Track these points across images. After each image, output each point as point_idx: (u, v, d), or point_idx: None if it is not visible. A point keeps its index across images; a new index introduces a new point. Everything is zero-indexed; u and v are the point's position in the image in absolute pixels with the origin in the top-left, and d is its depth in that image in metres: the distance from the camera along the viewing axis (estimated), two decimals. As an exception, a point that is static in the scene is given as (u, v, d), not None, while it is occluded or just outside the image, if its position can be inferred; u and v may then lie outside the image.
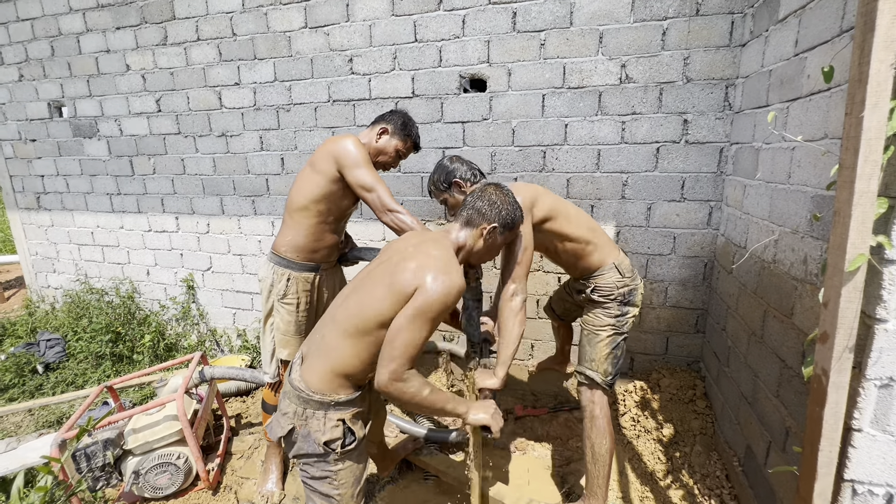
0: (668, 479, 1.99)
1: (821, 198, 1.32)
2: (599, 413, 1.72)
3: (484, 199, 1.37)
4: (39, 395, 3.02)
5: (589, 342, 1.74)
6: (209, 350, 3.49)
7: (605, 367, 1.71)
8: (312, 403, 1.22)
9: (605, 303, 1.71)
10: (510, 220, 1.38)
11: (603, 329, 1.72)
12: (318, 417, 1.22)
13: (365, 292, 1.25)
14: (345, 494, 1.29)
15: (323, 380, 1.22)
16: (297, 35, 2.74)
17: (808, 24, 1.44)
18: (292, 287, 1.86)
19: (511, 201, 1.39)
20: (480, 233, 1.36)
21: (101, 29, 3.17)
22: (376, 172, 1.76)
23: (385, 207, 1.70)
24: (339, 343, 1.22)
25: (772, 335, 1.60)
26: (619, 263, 1.71)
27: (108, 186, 3.53)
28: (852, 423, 1.05)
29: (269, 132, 2.97)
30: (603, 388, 1.72)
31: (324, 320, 1.35)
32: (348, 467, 1.28)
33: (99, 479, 2.02)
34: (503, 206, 1.37)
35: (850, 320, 0.94)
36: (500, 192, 1.40)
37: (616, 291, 1.69)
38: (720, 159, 2.22)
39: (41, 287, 4.08)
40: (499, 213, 1.36)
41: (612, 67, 2.26)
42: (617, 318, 1.71)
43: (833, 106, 1.27)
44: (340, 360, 1.22)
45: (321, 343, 1.27)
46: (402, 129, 1.86)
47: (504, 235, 1.40)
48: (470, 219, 1.37)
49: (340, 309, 1.28)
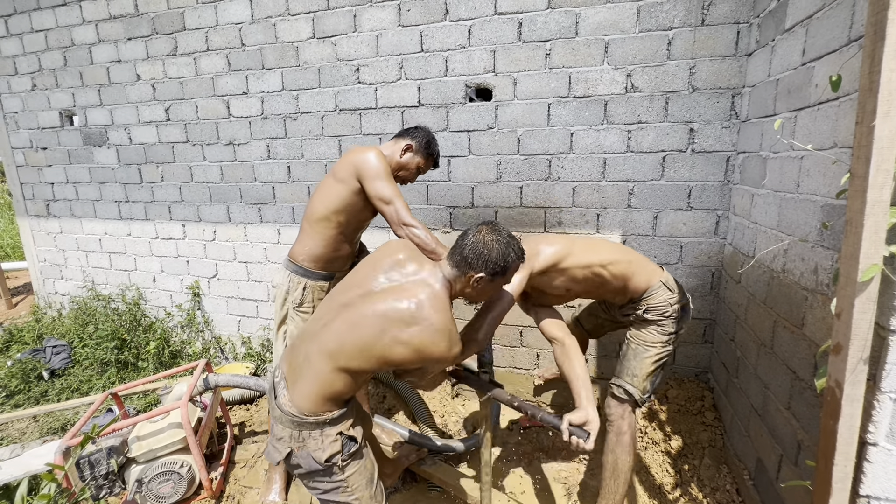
0: (676, 492, 1.95)
1: (831, 207, 1.31)
2: (627, 429, 1.67)
3: (472, 245, 1.26)
4: (44, 402, 3.03)
5: (635, 356, 1.69)
6: (214, 357, 3.49)
7: (645, 384, 1.67)
8: (308, 425, 1.22)
9: (660, 321, 1.67)
10: (500, 268, 1.27)
11: (653, 346, 1.67)
12: (315, 437, 1.22)
13: (360, 337, 1.19)
14: (362, 497, 1.28)
15: (315, 403, 1.22)
16: (304, 45, 2.78)
17: (816, 34, 1.44)
18: (308, 296, 1.88)
19: (502, 246, 1.27)
20: (468, 280, 1.27)
21: (113, 39, 3.23)
22: (396, 185, 1.77)
23: (401, 221, 1.70)
24: (326, 370, 1.20)
25: (782, 346, 1.58)
26: (665, 281, 1.67)
27: (116, 194, 3.56)
28: (867, 436, 1.03)
29: (276, 141, 3.00)
30: (637, 405, 1.68)
31: (304, 337, 1.30)
32: (357, 471, 1.27)
33: (102, 488, 2.00)
34: (491, 254, 1.25)
35: (864, 331, 0.92)
36: (492, 234, 1.28)
37: (670, 308, 1.65)
38: (727, 168, 2.21)
39: (48, 293, 4.11)
40: (485, 263, 1.25)
41: (617, 77, 2.27)
42: (670, 335, 1.67)
43: (842, 115, 1.26)
44: (329, 385, 1.21)
45: (306, 366, 1.24)
46: (426, 148, 1.90)
47: (495, 281, 1.30)
48: (457, 264, 1.27)
49: (329, 334, 1.23)
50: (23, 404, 3.01)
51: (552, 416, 1.45)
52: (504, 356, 2.81)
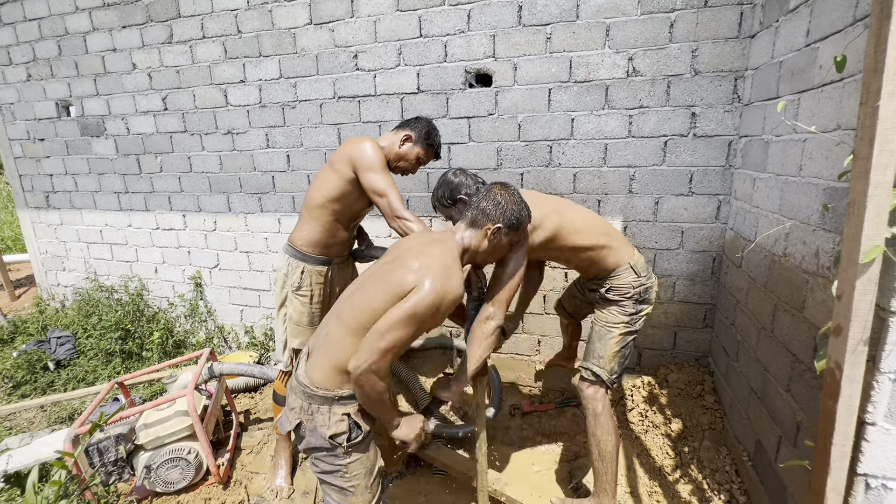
0: (676, 473, 1.98)
1: (833, 190, 1.30)
2: (602, 410, 1.70)
3: (489, 199, 1.36)
4: (51, 392, 3.06)
5: (599, 338, 1.73)
6: (217, 347, 3.51)
7: (612, 365, 1.70)
8: (317, 399, 1.24)
9: (620, 301, 1.70)
10: (515, 220, 1.36)
11: (616, 326, 1.70)
12: (323, 412, 1.24)
13: (367, 290, 1.26)
14: (358, 486, 1.30)
15: (326, 375, 1.24)
16: (302, 31, 2.74)
17: (820, 14, 1.42)
18: (306, 279, 1.91)
19: (517, 201, 1.38)
20: (485, 233, 1.35)
21: (108, 28, 3.18)
22: (390, 177, 1.77)
23: (394, 213, 1.72)
24: (342, 340, 1.24)
25: (782, 329, 1.59)
26: (634, 263, 1.69)
27: (115, 185, 3.55)
28: (866, 416, 1.04)
29: (274, 129, 2.98)
30: (606, 385, 1.71)
31: (329, 317, 1.36)
32: (357, 459, 1.29)
33: (111, 474, 2.04)
34: (508, 206, 1.35)
35: (864, 313, 0.93)
36: (506, 191, 1.38)
37: (632, 290, 1.68)
38: (729, 152, 2.20)
39: (51, 285, 4.13)
40: (503, 214, 1.34)
41: (619, 61, 2.24)
42: (631, 315, 1.70)
43: (846, 96, 1.25)
44: (343, 356, 1.23)
45: (326, 339, 1.29)
46: (426, 139, 1.89)
47: (509, 235, 1.39)
48: (475, 219, 1.36)
49: (345, 305, 1.30)
50: (30, 394, 3.04)
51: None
52: (506, 343, 2.83)
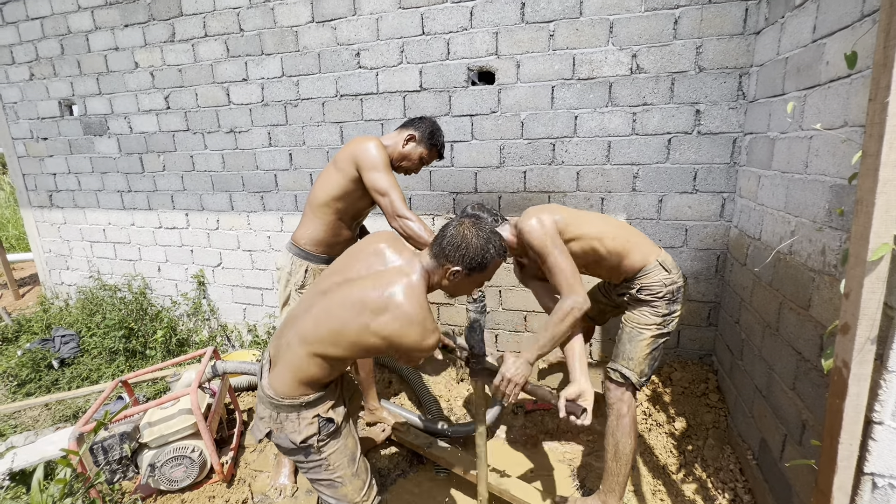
0: (680, 472, 1.98)
1: (839, 187, 1.29)
2: (627, 412, 1.68)
3: (451, 237, 1.24)
4: (55, 390, 3.07)
5: (630, 339, 1.69)
6: (220, 345, 3.52)
7: (642, 367, 1.67)
8: (284, 407, 1.25)
9: (652, 301, 1.66)
10: (477, 263, 1.23)
11: (647, 328, 1.66)
12: (292, 419, 1.26)
13: (335, 321, 1.20)
14: (344, 475, 1.32)
15: (290, 387, 1.25)
16: (304, 30, 2.74)
17: (827, 10, 1.41)
18: (310, 278, 1.92)
19: (481, 242, 1.23)
20: (444, 272, 1.25)
21: (110, 26, 3.18)
22: (393, 177, 1.77)
23: (395, 213, 1.72)
24: (302, 356, 1.23)
25: (788, 327, 1.58)
26: (662, 260, 1.66)
27: (118, 184, 3.56)
28: (873, 415, 1.03)
29: (277, 128, 2.97)
30: (635, 388, 1.69)
31: (288, 322, 1.32)
32: (336, 450, 1.31)
33: (116, 472, 2.05)
34: (469, 249, 1.22)
35: (872, 311, 0.92)
36: (472, 229, 1.25)
37: (664, 289, 1.64)
38: (733, 150, 2.18)
39: (55, 284, 4.14)
40: (462, 257, 1.22)
41: (622, 58, 2.23)
42: (664, 317, 1.66)
43: (853, 93, 1.24)
44: (303, 371, 1.23)
45: (287, 351, 1.27)
46: (430, 138, 1.89)
47: (473, 277, 1.27)
48: (436, 254, 1.25)
49: (307, 320, 1.25)
50: (34, 393, 3.06)
51: (546, 391, 1.46)
52: (509, 341, 2.82)
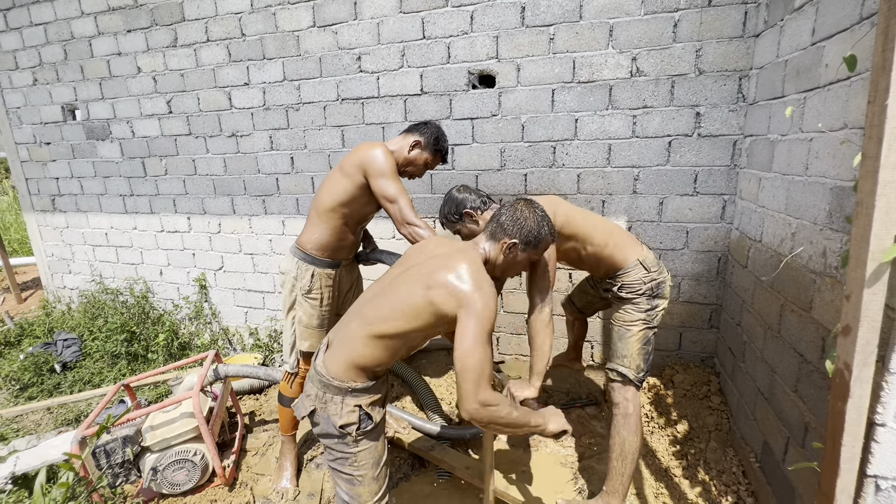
0: (683, 475, 1.97)
1: (840, 189, 1.29)
2: (633, 410, 1.70)
3: (509, 213, 1.37)
4: (58, 394, 3.08)
5: (620, 338, 1.73)
6: (222, 349, 3.52)
7: (637, 362, 1.71)
8: (332, 388, 1.28)
9: (633, 298, 1.71)
10: (533, 238, 1.35)
11: (634, 324, 1.71)
12: (336, 402, 1.29)
13: (397, 297, 1.27)
14: (365, 476, 1.33)
15: (342, 368, 1.28)
16: (305, 34, 2.75)
17: (826, 12, 1.42)
18: (316, 283, 1.91)
19: (538, 219, 1.36)
20: (501, 247, 1.35)
21: (113, 32, 3.20)
22: (401, 184, 1.77)
23: (405, 220, 1.72)
24: (362, 340, 1.28)
25: (789, 329, 1.58)
26: (643, 259, 1.71)
27: (121, 188, 3.57)
28: (876, 417, 1.03)
29: (278, 132, 2.99)
30: (636, 384, 1.71)
31: (351, 313, 1.40)
32: (366, 449, 1.33)
33: (118, 476, 2.05)
34: (526, 223, 1.34)
35: (873, 313, 0.92)
36: (529, 208, 1.38)
37: (644, 287, 1.69)
38: (734, 152, 2.19)
39: (57, 288, 4.15)
40: (520, 230, 1.34)
41: (622, 61, 2.24)
42: (647, 312, 1.70)
43: (853, 95, 1.25)
44: (360, 355, 1.27)
45: (346, 335, 1.32)
46: (434, 144, 1.90)
47: (527, 253, 1.37)
48: (493, 232, 1.37)
49: (369, 306, 1.32)
50: (36, 396, 3.06)
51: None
52: (510, 343, 2.82)
